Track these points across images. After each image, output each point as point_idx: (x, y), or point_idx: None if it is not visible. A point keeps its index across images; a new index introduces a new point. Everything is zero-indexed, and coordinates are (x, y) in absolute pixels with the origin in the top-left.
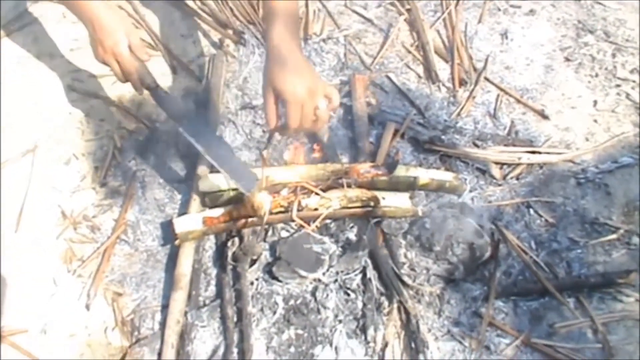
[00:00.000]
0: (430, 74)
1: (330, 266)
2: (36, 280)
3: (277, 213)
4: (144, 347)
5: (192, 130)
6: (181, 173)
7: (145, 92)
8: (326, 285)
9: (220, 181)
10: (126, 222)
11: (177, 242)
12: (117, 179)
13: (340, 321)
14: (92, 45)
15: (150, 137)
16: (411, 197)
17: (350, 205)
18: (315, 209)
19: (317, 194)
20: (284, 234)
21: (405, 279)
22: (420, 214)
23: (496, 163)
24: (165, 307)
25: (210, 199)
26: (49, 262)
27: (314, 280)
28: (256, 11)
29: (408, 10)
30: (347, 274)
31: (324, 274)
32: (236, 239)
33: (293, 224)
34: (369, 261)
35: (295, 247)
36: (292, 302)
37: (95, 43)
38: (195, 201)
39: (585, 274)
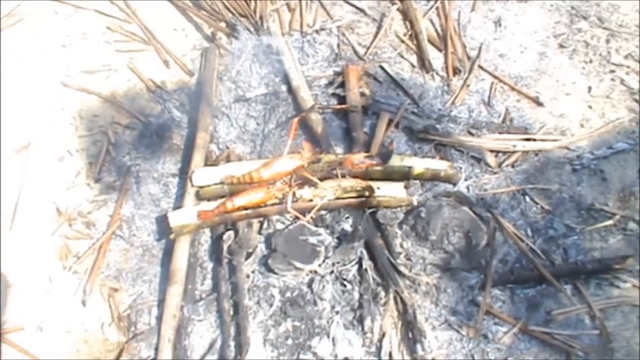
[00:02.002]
0: (423, 63)
1: (326, 257)
2: (32, 278)
3: (272, 205)
4: (140, 342)
5: None
6: (175, 167)
7: None
8: (322, 276)
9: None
10: (121, 217)
11: (172, 236)
12: (111, 174)
13: (337, 312)
14: None
15: (144, 132)
16: (406, 187)
17: (345, 195)
18: (310, 200)
19: (314, 182)
20: (279, 226)
21: (402, 268)
22: (415, 203)
23: (491, 151)
24: (161, 302)
25: (205, 193)
26: (44, 259)
27: (310, 271)
28: (248, 3)
29: (401, 0)
30: (343, 265)
31: (320, 265)
32: (231, 232)
33: (288, 216)
34: (364, 252)
35: (291, 239)
36: (288, 294)
37: None
38: (190, 195)
39: (582, 260)
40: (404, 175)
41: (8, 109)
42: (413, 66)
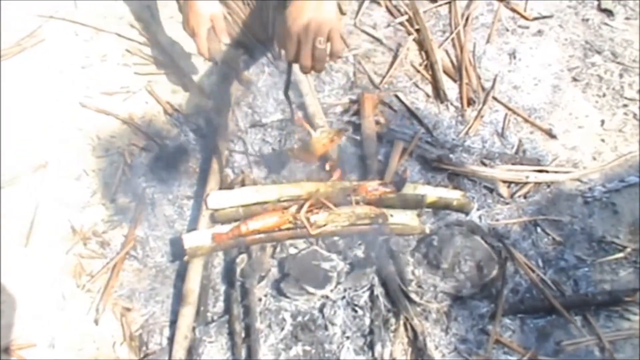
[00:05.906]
0: (438, 93)
1: (338, 283)
2: (45, 295)
3: (286, 229)
4: None
5: None
6: (190, 190)
7: None
8: (334, 302)
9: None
10: (135, 238)
11: (186, 257)
12: (126, 195)
13: (347, 338)
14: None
15: (160, 154)
16: (419, 215)
17: (358, 222)
18: (324, 225)
19: (328, 207)
20: (292, 250)
21: (413, 296)
22: (427, 231)
23: (504, 182)
24: (173, 323)
25: (219, 216)
26: (58, 277)
27: (322, 296)
28: (266, 30)
29: (417, 30)
30: (355, 290)
31: (331, 290)
32: (245, 256)
33: (301, 241)
34: (376, 278)
35: (304, 264)
36: (300, 318)
37: (184, 17)
38: (205, 217)
39: (592, 292)
40: (417, 204)
41: (27, 128)
42: (428, 96)
